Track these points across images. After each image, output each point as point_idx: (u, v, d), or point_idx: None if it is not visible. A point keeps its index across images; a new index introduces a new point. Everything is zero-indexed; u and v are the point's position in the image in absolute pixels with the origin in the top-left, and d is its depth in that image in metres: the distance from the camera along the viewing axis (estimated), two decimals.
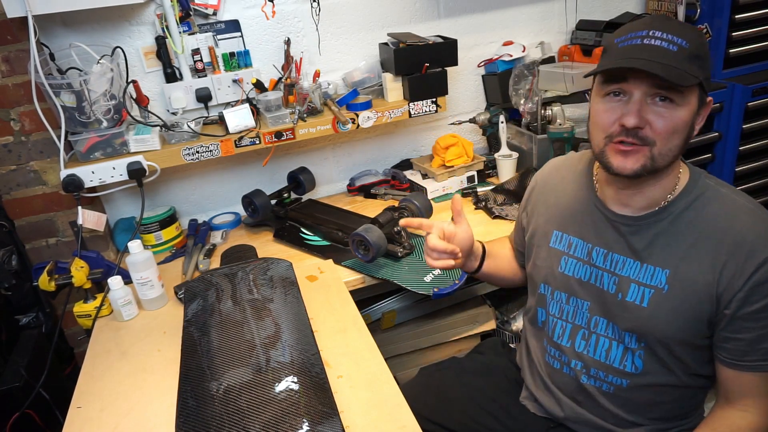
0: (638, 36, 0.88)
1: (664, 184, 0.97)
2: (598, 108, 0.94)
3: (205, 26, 1.74)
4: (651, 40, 0.86)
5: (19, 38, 1.50)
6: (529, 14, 2.11)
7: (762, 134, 2.14)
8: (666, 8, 2.15)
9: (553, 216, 1.13)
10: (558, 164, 1.21)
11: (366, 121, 1.81)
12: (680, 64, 0.84)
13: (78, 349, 1.83)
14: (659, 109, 0.87)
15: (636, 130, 0.88)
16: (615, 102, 0.91)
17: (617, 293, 1.01)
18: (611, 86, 0.90)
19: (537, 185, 1.21)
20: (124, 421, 1.07)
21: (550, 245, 1.12)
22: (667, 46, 0.85)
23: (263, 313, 1.25)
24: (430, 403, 1.24)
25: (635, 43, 0.87)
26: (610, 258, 1.02)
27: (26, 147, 1.61)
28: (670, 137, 0.88)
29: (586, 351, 1.07)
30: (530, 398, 1.22)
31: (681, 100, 0.87)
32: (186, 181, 1.94)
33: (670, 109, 0.87)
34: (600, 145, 0.94)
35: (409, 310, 1.85)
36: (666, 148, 0.89)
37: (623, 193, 1.00)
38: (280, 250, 1.71)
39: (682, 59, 0.85)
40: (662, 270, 0.96)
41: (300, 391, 1.02)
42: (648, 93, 0.87)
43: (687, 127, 0.90)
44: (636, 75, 0.86)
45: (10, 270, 1.61)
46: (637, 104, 0.87)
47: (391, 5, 1.93)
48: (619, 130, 0.90)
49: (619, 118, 0.90)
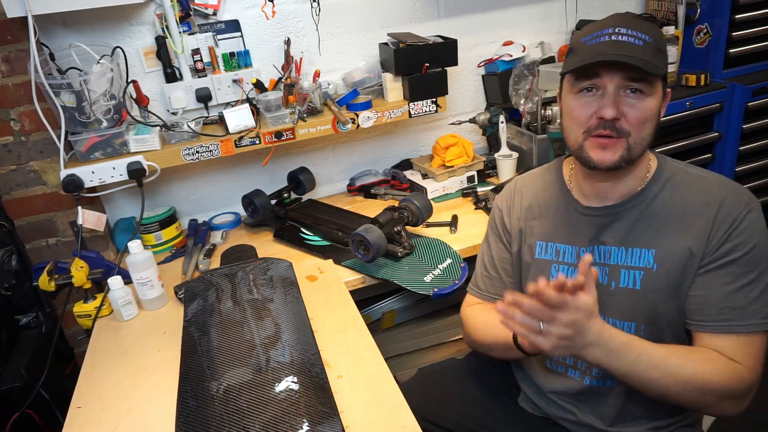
0: (605, 33, 0.93)
1: (637, 173, 1.02)
2: (572, 105, 0.98)
3: (205, 26, 1.74)
4: (619, 37, 0.91)
5: (19, 38, 1.50)
6: (529, 14, 2.11)
7: (762, 134, 2.14)
8: (666, 8, 2.15)
9: (534, 229, 1.14)
10: (525, 181, 1.20)
11: (366, 121, 1.81)
12: (647, 56, 0.90)
13: (78, 349, 1.83)
14: (631, 100, 0.93)
15: (614, 121, 0.93)
16: (589, 97, 0.95)
17: (610, 282, 1.02)
18: (584, 82, 0.95)
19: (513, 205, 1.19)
20: (124, 421, 1.07)
21: (535, 257, 1.13)
22: (634, 41, 0.91)
23: (263, 313, 1.25)
24: (429, 403, 1.24)
25: (604, 40, 0.92)
26: (597, 251, 1.04)
27: (26, 147, 1.61)
28: (642, 126, 0.94)
29: None
30: (528, 401, 1.22)
31: (650, 91, 0.93)
32: (186, 181, 1.94)
33: (641, 100, 0.93)
34: (579, 140, 0.98)
35: (409, 310, 1.86)
36: (640, 138, 0.94)
37: (601, 186, 1.03)
38: (280, 250, 1.71)
39: (649, 52, 0.90)
40: (648, 250, 0.99)
41: (300, 391, 1.02)
42: (621, 86, 0.92)
43: (656, 116, 0.96)
44: (608, 69, 0.91)
45: (10, 270, 1.61)
46: (612, 96, 0.92)
47: (391, 5, 1.93)
48: (597, 123, 0.94)
49: (595, 111, 0.94)
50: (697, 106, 2.00)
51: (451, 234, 1.69)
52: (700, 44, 2.11)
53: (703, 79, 2.01)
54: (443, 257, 1.56)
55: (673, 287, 0.97)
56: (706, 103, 2.01)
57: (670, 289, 0.98)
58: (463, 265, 1.53)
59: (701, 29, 2.08)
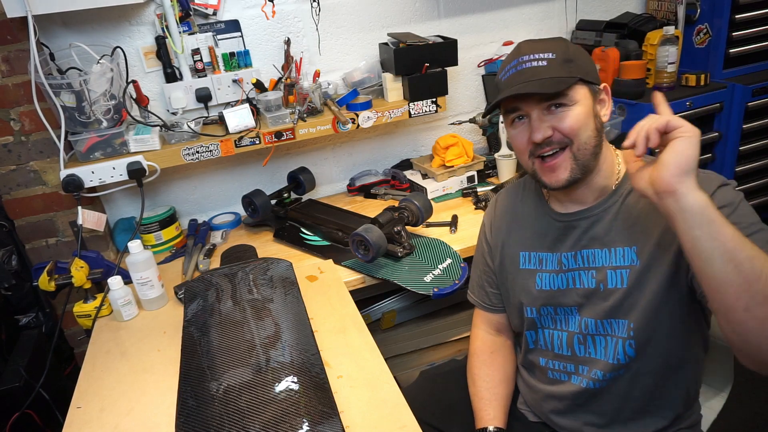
0: (512, 66, 0.99)
1: (605, 172, 1.03)
2: (511, 134, 1.04)
3: (205, 26, 1.74)
4: (524, 65, 0.97)
5: (19, 38, 1.50)
6: (529, 14, 2.11)
7: (762, 134, 2.14)
8: (666, 8, 2.16)
9: (515, 240, 1.16)
10: (506, 194, 1.24)
11: (366, 121, 1.81)
12: (554, 73, 0.95)
13: (78, 349, 1.83)
14: (558, 114, 0.97)
15: (546, 140, 0.97)
16: (521, 125, 1.01)
17: (599, 285, 1.03)
18: (512, 114, 1.01)
19: (495, 220, 1.22)
20: (124, 421, 1.07)
21: (520, 267, 1.14)
22: (537, 64, 0.96)
23: (263, 313, 1.25)
24: (434, 409, 1.23)
25: (512, 73, 0.99)
26: (580, 256, 1.05)
27: (26, 147, 1.61)
28: (579, 131, 0.97)
29: (587, 354, 1.07)
30: (526, 405, 1.22)
31: (570, 101, 0.96)
32: (186, 181, 1.94)
33: (566, 111, 0.96)
34: (529, 165, 1.03)
35: (409, 310, 1.86)
36: (581, 142, 0.97)
37: (573, 193, 1.05)
38: (280, 250, 1.71)
39: (555, 68, 0.95)
40: (630, 248, 1.00)
41: (300, 391, 1.02)
42: (542, 108, 0.97)
43: (590, 117, 0.98)
44: (523, 99, 0.97)
45: (10, 270, 1.61)
46: (537, 121, 0.97)
47: (391, 5, 1.93)
48: (534, 146, 0.99)
49: (529, 137, 0.99)
50: (697, 106, 2.00)
51: (451, 234, 1.69)
52: (700, 44, 2.11)
53: (703, 79, 2.01)
54: (443, 257, 1.56)
55: (659, 279, 0.96)
56: (706, 103, 2.01)
57: (657, 282, 0.97)
58: (463, 265, 1.53)
59: (701, 29, 2.08)
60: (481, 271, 1.25)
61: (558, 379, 1.12)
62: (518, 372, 1.25)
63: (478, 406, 1.17)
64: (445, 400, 1.26)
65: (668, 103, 0.85)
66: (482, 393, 1.18)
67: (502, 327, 1.26)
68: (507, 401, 1.19)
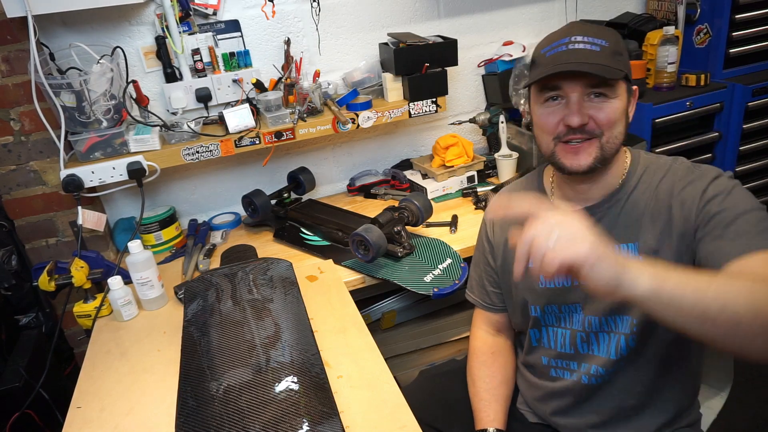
0: (562, 43, 0.95)
1: (614, 171, 1.03)
2: (540, 113, 1.01)
3: (205, 26, 1.74)
4: (575, 45, 0.94)
5: (19, 38, 1.50)
6: (529, 14, 2.11)
7: (762, 134, 2.14)
8: (666, 8, 2.16)
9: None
10: (508, 192, 1.24)
11: (366, 121, 1.81)
12: (605, 61, 0.92)
13: (78, 349, 1.83)
14: (596, 103, 0.95)
15: (581, 127, 0.95)
16: (555, 106, 0.98)
17: None
18: (548, 93, 0.98)
19: (496, 219, 1.20)
20: (124, 421, 1.07)
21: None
22: (591, 47, 0.93)
23: (263, 313, 1.25)
24: (434, 409, 1.23)
25: (561, 50, 0.95)
26: None
27: (26, 147, 1.61)
28: (613, 126, 0.96)
29: (590, 351, 1.07)
30: (525, 404, 1.22)
31: (613, 93, 0.95)
32: (186, 181, 1.94)
33: (606, 102, 0.95)
34: (550, 147, 1.01)
35: (409, 310, 1.86)
36: (612, 136, 0.96)
37: (581, 187, 1.05)
38: (280, 250, 1.71)
39: (606, 57, 0.92)
40: (633, 244, 1.00)
41: (300, 391, 1.02)
42: (583, 93, 0.95)
43: (624, 115, 0.98)
44: (569, 79, 0.94)
45: (10, 270, 1.61)
46: (576, 105, 0.95)
47: (391, 5, 1.93)
48: (565, 130, 0.97)
49: (562, 119, 0.97)
50: (697, 106, 2.00)
51: (451, 234, 1.69)
52: (700, 44, 2.11)
53: (703, 79, 2.01)
54: (443, 257, 1.56)
55: None
56: (706, 103, 2.01)
57: None
58: (463, 265, 1.53)
59: (701, 29, 2.08)
60: (481, 270, 1.25)
61: (560, 377, 1.12)
62: (518, 371, 1.25)
63: (477, 407, 1.17)
64: (444, 400, 1.26)
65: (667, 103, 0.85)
66: (482, 394, 1.18)
67: (503, 327, 1.25)
68: (507, 402, 1.19)
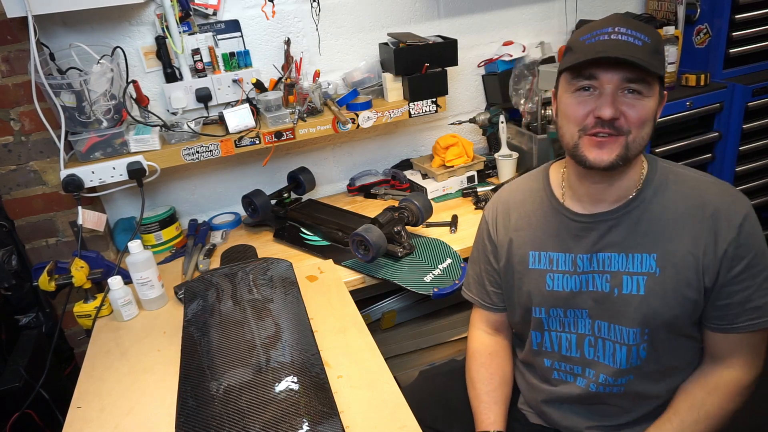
0: (605, 32, 0.91)
1: (632, 175, 1.00)
2: (569, 102, 0.96)
3: (205, 26, 1.74)
4: (618, 36, 0.90)
5: (19, 38, 1.50)
6: (529, 14, 2.11)
7: (762, 134, 2.14)
8: (666, 8, 2.15)
9: (524, 239, 1.12)
10: (510, 191, 1.20)
11: (366, 121, 1.81)
12: (646, 57, 0.89)
13: (78, 349, 1.83)
14: (630, 100, 0.91)
15: (612, 120, 0.91)
16: (586, 96, 0.94)
17: (613, 290, 1.01)
18: (582, 81, 0.93)
19: (498, 217, 1.18)
20: (124, 421, 1.07)
21: (529, 267, 1.10)
22: (633, 41, 0.89)
23: (263, 313, 1.25)
24: (433, 409, 1.23)
25: (603, 39, 0.91)
26: (596, 259, 1.03)
27: (26, 147, 1.61)
28: (642, 126, 0.93)
29: (596, 357, 1.06)
30: (527, 405, 1.22)
31: (648, 92, 0.91)
32: (186, 181, 1.94)
33: (639, 100, 0.91)
34: (574, 139, 0.96)
35: (409, 310, 1.86)
36: (639, 137, 0.93)
37: (596, 188, 1.01)
38: (280, 250, 1.71)
39: (647, 53, 0.89)
40: (649, 255, 0.98)
41: (300, 391, 1.02)
42: (619, 86, 0.91)
43: (654, 117, 0.95)
44: (607, 69, 0.90)
45: (10, 270, 1.61)
46: (611, 96, 0.91)
47: (391, 5, 1.93)
48: (594, 122, 0.93)
49: (592, 110, 0.93)
50: (697, 106, 2.00)
51: (451, 234, 1.70)
52: (700, 44, 2.11)
53: (703, 79, 2.01)
54: (443, 257, 1.56)
55: (676, 290, 0.97)
56: (706, 103, 2.01)
57: (674, 292, 0.97)
58: (463, 265, 1.53)
59: (701, 29, 2.08)
60: (481, 269, 1.22)
61: (563, 380, 1.11)
62: (518, 370, 1.24)
63: (478, 409, 1.16)
64: (444, 401, 1.26)
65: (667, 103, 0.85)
66: (482, 396, 1.17)
67: (501, 326, 1.24)
68: (507, 403, 1.18)
